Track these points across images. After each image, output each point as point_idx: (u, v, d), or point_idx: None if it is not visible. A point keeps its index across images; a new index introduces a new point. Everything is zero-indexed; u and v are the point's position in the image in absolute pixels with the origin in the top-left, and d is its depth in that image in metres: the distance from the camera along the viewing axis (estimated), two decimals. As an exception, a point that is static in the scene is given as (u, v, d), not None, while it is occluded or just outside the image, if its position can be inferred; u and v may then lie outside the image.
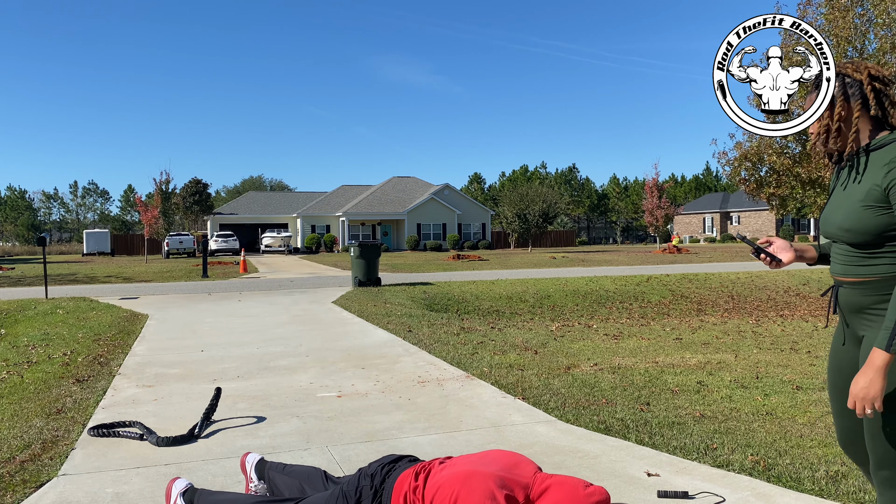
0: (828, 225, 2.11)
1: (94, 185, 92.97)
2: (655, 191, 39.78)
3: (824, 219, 2.16)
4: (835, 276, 2.15)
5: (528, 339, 8.44)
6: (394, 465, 2.69)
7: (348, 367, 6.46)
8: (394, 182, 56.09)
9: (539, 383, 5.63)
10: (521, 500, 2.37)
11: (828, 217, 2.12)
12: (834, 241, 2.13)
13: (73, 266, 30.26)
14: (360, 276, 15.98)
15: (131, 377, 6.19)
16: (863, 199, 1.97)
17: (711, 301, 15.11)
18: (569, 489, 2.35)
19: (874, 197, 1.94)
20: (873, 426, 2.00)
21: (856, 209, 1.99)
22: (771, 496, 3.18)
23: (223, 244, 44.02)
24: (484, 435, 4.24)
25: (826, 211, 2.15)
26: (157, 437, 4.10)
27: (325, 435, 4.29)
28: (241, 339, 8.37)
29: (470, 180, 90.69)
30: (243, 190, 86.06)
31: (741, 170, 13.60)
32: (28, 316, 11.87)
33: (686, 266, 24.31)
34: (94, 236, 50.15)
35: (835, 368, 2.26)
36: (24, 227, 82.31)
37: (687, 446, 3.91)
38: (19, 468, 3.74)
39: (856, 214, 1.98)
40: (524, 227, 47.83)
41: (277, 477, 3.11)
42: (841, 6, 12.11)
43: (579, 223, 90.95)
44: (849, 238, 2.01)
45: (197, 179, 53.01)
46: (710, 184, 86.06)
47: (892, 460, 1.98)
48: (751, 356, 7.20)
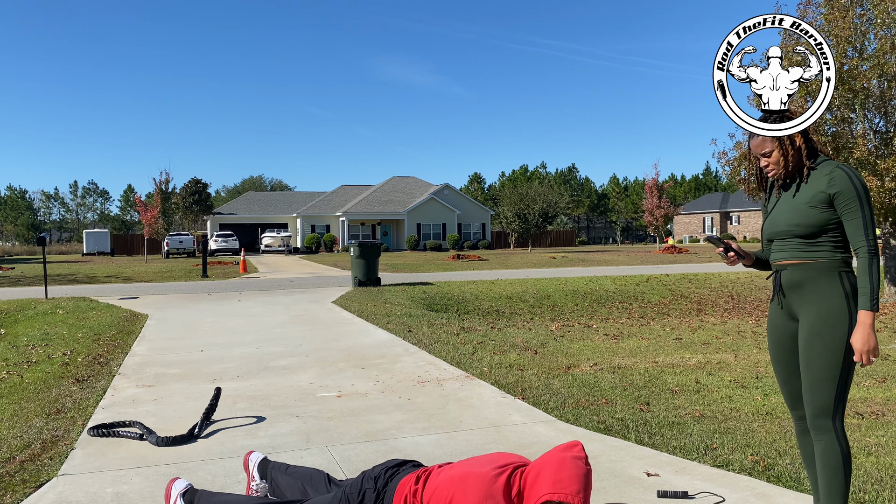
0: (777, 226, 2.68)
1: (94, 185, 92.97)
2: (655, 191, 39.74)
3: (772, 223, 2.72)
4: (779, 261, 2.70)
5: (527, 339, 8.44)
6: (397, 469, 2.69)
7: (348, 367, 6.47)
8: (394, 182, 56.08)
9: (539, 383, 5.63)
10: (514, 496, 2.38)
11: (776, 220, 2.69)
12: (780, 240, 2.69)
13: (73, 266, 30.26)
14: (360, 276, 15.98)
15: (131, 377, 6.19)
16: (809, 201, 2.57)
17: (711, 301, 15.12)
18: (554, 460, 2.37)
19: (818, 199, 2.55)
20: (814, 378, 2.55)
21: (803, 209, 2.58)
22: (771, 496, 3.18)
23: (223, 244, 43.99)
24: (484, 435, 4.24)
25: (772, 218, 2.72)
26: (156, 437, 4.10)
27: (324, 435, 4.29)
28: (240, 338, 8.37)
29: (470, 180, 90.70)
30: (243, 190, 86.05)
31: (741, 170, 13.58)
32: (28, 316, 11.87)
33: (686, 266, 24.31)
34: (94, 236, 50.14)
35: (775, 343, 2.78)
36: (24, 226, 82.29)
37: (687, 446, 3.91)
38: (19, 468, 3.74)
39: (804, 213, 2.58)
40: (524, 227, 47.81)
41: (280, 477, 3.11)
42: (841, 6, 12.09)
43: (579, 223, 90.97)
44: (798, 231, 2.59)
45: (197, 179, 53.00)
46: (710, 184, 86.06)
47: (826, 409, 2.54)
48: (750, 356, 7.20)
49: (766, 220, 2.77)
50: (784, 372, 2.77)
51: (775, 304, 2.77)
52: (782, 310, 2.73)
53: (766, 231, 2.77)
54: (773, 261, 2.75)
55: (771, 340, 2.82)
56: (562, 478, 2.30)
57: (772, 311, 2.82)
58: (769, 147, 2.66)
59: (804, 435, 2.77)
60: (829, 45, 4.95)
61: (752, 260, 2.89)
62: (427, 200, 51.97)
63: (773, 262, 2.74)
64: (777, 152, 2.65)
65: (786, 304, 2.71)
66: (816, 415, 2.56)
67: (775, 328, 2.78)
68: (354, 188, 57.34)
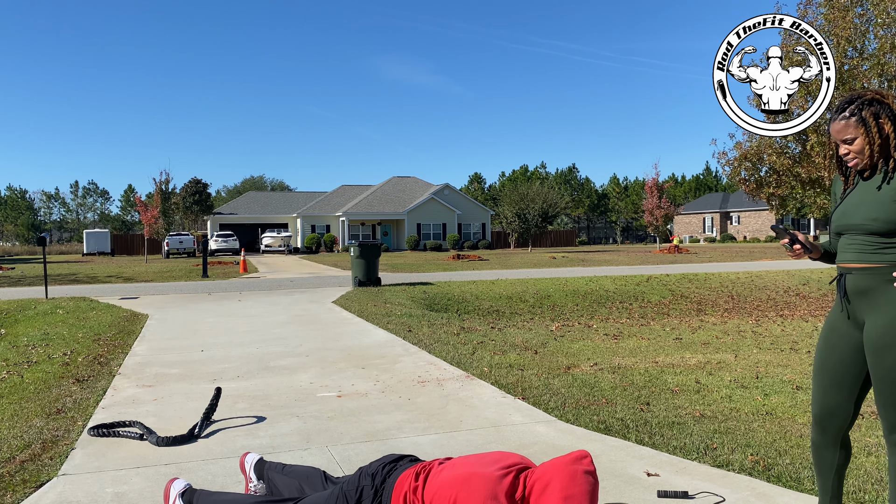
0: (851, 218, 2.44)
1: (94, 185, 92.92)
2: (655, 191, 39.76)
3: (844, 214, 2.47)
4: (846, 263, 2.46)
5: (528, 339, 8.44)
6: (394, 465, 2.68)
7: (348, 367, 6.46)
8: (394, 182, 56.08)
9: (539, 383, 5.63)
10: (518, 498, 2.37)
11: (850, 213, 2.44)
12: (850, 235, 2.45)
13: (73, 266, 30.26)
14: (360, 276, 15.98)
15: (131, 377, 6.19)
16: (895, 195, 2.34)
17: (711, 301, 15.11)
18: (565, 472, 2.36)
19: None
20: (889, 396, 2.37)
21: (887, 203, 2.34)
22: (771, 496, 3.18)
23: (223, 244, 44.01)
24: (484, 435, 4.24)
25: (845, 209, 2.47)
26: (157, 437, 4.10)
27: (325, 435, 4.29)
28: (241, 338, 8.37)
29: (470, 180, 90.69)
30: (243, 190, 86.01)
31: (741, 170, 13.60)
32: (28, 316, 11.87)
33: (686, 266, 24.30)
34: (94, 236, 50.15)
35: (829, 348, 2.56)
36: (25, 226, 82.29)
37: (687, 446, 3.91)
38: (19, 468, 3.74)
39: (887, 207, 2.33)
40: (524, 227, 47.81)
41: (276, 477, 3.11)
42: (841, 6, 12.09)
43: (579, 223, 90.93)
44: (876, 227, 2.36)
45: (197, 179, 52.99)
46: (710, 184, 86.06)
47: None
48: (751, 356, 7.20)
49: (837, 211, 2.54)
50: (826, 380, 2.58)
51: (838, 308, 2.56)
52: (845, 316, 2.52)
53: (835, 222, 2.53)
54: (840, 262, 2.52)
55: (824, 345, 2.60)
56: (573, 494, 2.28)
57: (833, 316, 2.60)
58: (852, 133, 2.43)
59: (821, 449, 2.65)
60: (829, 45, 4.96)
61: (820, 253, 2.65)
62: (427, 200, 51.97)
63: (839, 263, 2.53)
64: (862, 139, 2.41)
65: (851, 311, 2.49)
66: (889, 431, 2.43)
67: (834, 333, 2.57)
68: (354, 188, 57.34)
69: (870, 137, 2.39)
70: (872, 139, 2.38)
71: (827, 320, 2.63)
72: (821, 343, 2.62)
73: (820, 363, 2.60)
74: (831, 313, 2.61)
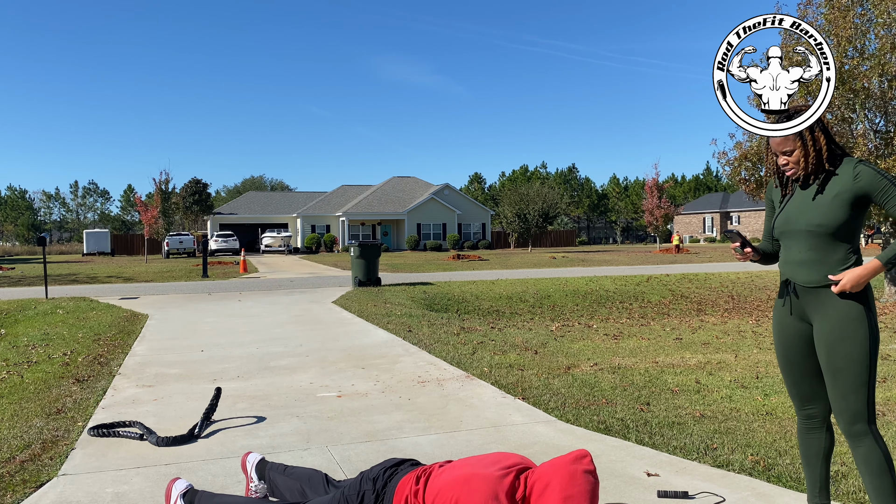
0: (795, 224, 2.62)
1: (94, 185, 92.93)
2: (655, 191, 39.76)
3: (786, 221, 2.65)
4: (792, 264, 2.64)
5: (528, 339, 8.44)
6: (396, 469, 2.68)
7: (348, 367, 6.46)
8: (394, 182, 56.08)
9: (539, 383, 5.63)
10: (518, 498, 2.37)
11: (792, 219, 2.63)
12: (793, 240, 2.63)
13: (73, 266, 30.26)
14: (360, 276, 15.98)
15: (131, 377, 6.19)
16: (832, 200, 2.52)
17: (711, 301, 15.11)
18: (564, 472, 2.35)
19: (843, 198, 2.51)
20: (845, 386, 2.51)
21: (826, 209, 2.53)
22: (771, 496, 3.18)
23: (223, 244, 43.99)
24: (484, 435, 4.24)
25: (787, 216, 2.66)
26: (157, 437, 4.10)
27: (325, 435, 4.29)
28: (241, 339, 8.37)
29: (470, 180, 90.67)
30: (243, 190, 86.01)
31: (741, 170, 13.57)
32: (28, 316, 11.87)
33: (686, 266, 24.30)
34: (95, 236, 50.14)
35: (784, 345, 2.74)
36: (25, 227, 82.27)
37: (687, 446, 3.91)
38: (19, 468, 3.74)
39: (826, 212, 2.53)
40: (524, 227, 47.80)
41: (278, 478, 3.11)
42: (841, 6, 12.08)
43: (579, 223, 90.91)
44: (820, 231, 2.54)
45: (197, 179, 52.98)
46: (710, 184, 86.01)
47: (860, 415, 2.50)
48: (751, 356, 7.20)
49: (780, 217, 2.71)
50: (795, 373, 2.73)
51: (782, 306, 2.73)
52: (788, 311, 2.70)
53: (778, 227, 2.71)
54: (786, 261, 2.69)
55: (779, 343, 2.77)
56: (573, 494, 2.28)
57: (778, 314, 2.76)
58: (790, 146, 2.61)
59: (809, 433, 2.76)
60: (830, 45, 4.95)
61: (760, 255, 2.86)
62: (427, 200, 51.96)
63: (785, 263, 2.69)
64: (798, 151, 2.60)
65: (797, 307, 2.66)
66: (852, 422, 2.52)
67: (784, 330, 2.74)
68: (354, 188, 57.34)
69: (806, 150, 2.58)
70: (807, 151, 2.58)
71: (774, 320, 2.79)
72: (776, 342, 2.80)
73: (784, 360, 2.77)
74: (776, 312, 2.78)
